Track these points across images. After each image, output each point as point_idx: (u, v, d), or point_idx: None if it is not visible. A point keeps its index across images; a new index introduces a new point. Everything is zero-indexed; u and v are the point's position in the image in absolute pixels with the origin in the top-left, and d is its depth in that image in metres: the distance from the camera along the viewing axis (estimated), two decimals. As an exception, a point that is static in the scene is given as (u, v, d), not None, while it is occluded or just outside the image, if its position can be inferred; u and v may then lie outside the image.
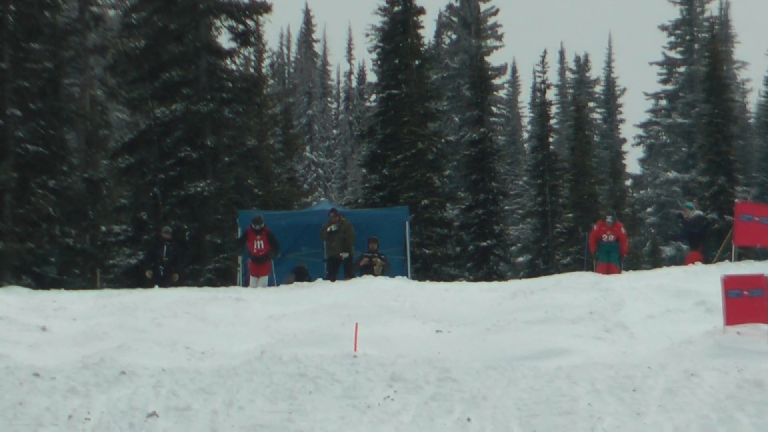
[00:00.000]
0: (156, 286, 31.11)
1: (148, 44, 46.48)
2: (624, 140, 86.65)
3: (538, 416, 18.22)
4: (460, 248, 56.71)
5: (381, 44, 55.87)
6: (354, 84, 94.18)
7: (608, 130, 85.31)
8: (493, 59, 75.16)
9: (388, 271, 31.73)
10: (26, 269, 41.58)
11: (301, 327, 23.85)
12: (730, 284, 22.31)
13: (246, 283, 30.60)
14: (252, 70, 50.63)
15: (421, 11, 55.56)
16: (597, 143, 76.73)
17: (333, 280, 30.31)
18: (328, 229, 31.82)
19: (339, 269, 31.74)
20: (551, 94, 78.41)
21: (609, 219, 28.22)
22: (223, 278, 39.06)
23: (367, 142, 55.99)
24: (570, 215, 60.07)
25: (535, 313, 24.31)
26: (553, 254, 58.63)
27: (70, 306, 26.71)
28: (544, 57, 69.96)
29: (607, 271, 27.61)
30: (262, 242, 26.26)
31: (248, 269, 28.28)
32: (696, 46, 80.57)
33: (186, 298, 26.95)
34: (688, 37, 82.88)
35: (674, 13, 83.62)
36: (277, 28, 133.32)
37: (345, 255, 31.70)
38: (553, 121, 70.29)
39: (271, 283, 29.99)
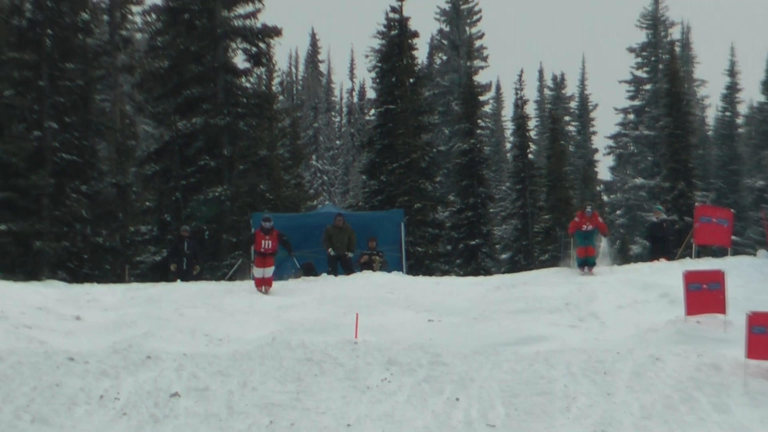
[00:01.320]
0: (179, 280, 31.09)
1: (171, 64, 46.45)
2: (596, 150, 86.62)
3: (519, 396, 18.22)
4: (451, 246, 56.67)
5: (379, 64, 55.83)
6: (355, 100, 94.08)
7: (582, 141, 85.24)
8: (480, 78, 75.19)
9: (386, 267, 31.71)
10: (62, 265, 41.55)
11: (307, 316, 23.85)
12: (691, 279, 22.32)
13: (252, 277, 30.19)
14: (264, 87, 50.57)
15: (415, 35, 55.54)
16: (572, 153, 76.74)
17: (336, 275, 30.29)
18: (341, 224, 31.76)
19: (339, 266, 31.69)
20: (531, 109, 78.65)
21: (588, 209, 28.03)
22: (240, 272, 38.94)
23: (367, 152, 55.97)
24: (547, 217, 60.08)
25: (517, 304, 24.33)
26: (533, 251, 58.65)
27: (102, 298, 26.71)
28: (521, 76, 70.68)
29: (586, 253, 27.60)
30: (270, 242, 25.70)
31: (254, 263, 27.70)
32: (660, 66, 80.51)
33: (205, 290, 26.96)
34: (653, 58, 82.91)
35: (641, 36, 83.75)
36: (287, 49, 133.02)
37: (350, 254, 31.65)
38: (532, 133, 70.33)
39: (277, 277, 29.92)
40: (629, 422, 17.34)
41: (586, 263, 27.09)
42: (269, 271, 25.25)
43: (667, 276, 25.23)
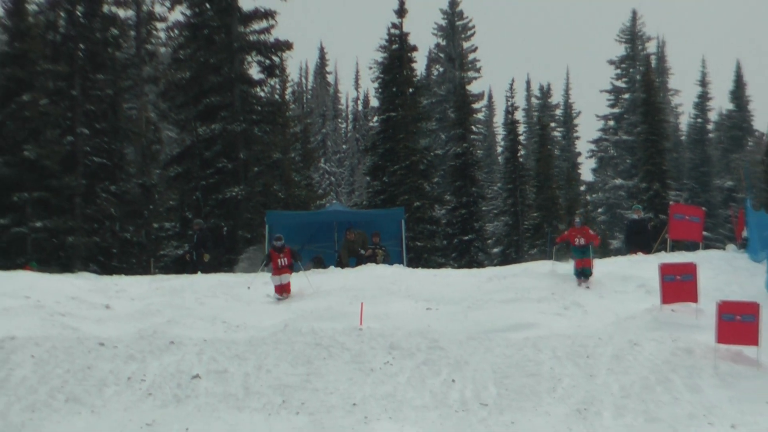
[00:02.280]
0: (199, 272, 31.12)
1: (192, 75, 46.46)
2: (579, 153, 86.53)
3: (509, 377, 18.23)
4: (446, 241, 56.68)
5: (382, 75, 55.86)
6: (360, 108, 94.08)
7: (566, 145, 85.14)
8: (473, 88, 75.25)
9: (388, 260, 31.71)
10: (93, 258, 41.58)
11: (316, 305, 23.86)
12: (666, 271, 22.33)
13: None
14: (277, 96, 50.57)
15: (414, 48, 55.59)
16: (557, 156, 76.57)
17: (343, 267, 30.35)
18: (352, 238, 32.06)
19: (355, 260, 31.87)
20: (520, 116, 78.49)
21: (577, 220, 26.72)
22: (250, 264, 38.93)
23: (371, 155, 55.98)
24: (535, 214, 60.07)
25: (507, 294, 24.32)
26: (522, 246, 58.62)
27: (129, 288, 26.73)
28: (512, 86, 70.66)
29: (582, 264, 26.52)
30: (285, 259, 25.41)
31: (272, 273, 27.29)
32: (638, 77, 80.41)
33: (224, 282, 26.97)
34: (631, 70, 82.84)
35: (620, 50, 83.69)
36: (297, 62, 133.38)
37: (367, 252, 31.74)
38: (521, 138, 70.22)
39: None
40: (610, 401, 17.35)
41: (583, 273, 26.08)
42: (286, 277, 25.20)
43: (644, 268, 25.23)
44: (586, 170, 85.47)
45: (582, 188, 79.69)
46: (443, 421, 16.90)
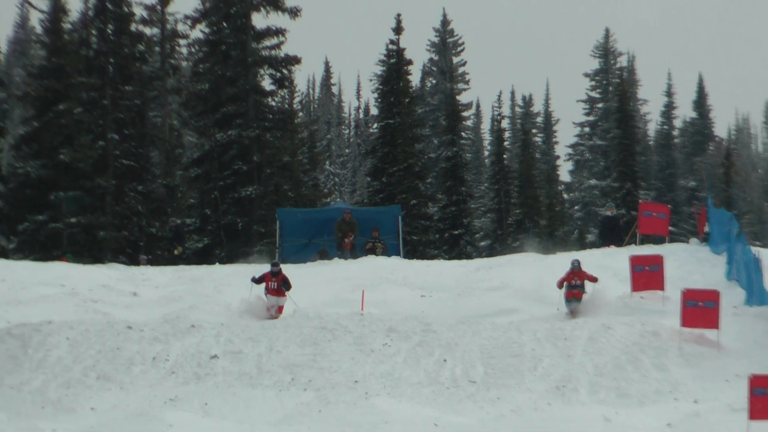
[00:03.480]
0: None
1: (211, 87, 46.39)
2: (558, 156, 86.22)
3: (495, 357, 18.24)
4: (439, 235, 56.61)
5: (381, 87, 55.76)
6: (361, 115, 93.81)
7: (546, 149, 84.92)
8: (462, 98, 74.75)
9: (386, 252, 31.65)
10: (122, 251, 41.56)
11: (322, 293, 23.84)
12: (636, 262, 22.34)
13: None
14: (286, 105, 50.48)
15: (410, 63, 55.49)
16: (538, 159, 76.39)
17: (345, 258, 30.23)
18: (348, 218, 31.75)
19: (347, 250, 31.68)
20: (505, 123, 78.33)
21: (575, 265, 22.27)
22: (268, 256, 38.85)
23: (371, 158, 55.95)
24: (518, 211, 60.00)
25: (493, 283, 24.33)
26: (506, 240, 58.57)
27: (154, 277, 26.73)
28: (499, 97, 70.60)
29: (573, 295, 22.01)
30: (276, 284, 23.70)
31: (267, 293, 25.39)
32: (610, 88, 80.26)
33: (239, 272, 26.94)
34: (604, 82, 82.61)
35: (595, 64, 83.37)
36: (305, 75, 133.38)
37: (367, 246, 31.45)
38: (506, 143, 70.06)
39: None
40: (585, 379, 17.37)
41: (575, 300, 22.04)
42: (282, 300, 23.60)
43: (616, 260, 25.22)
44: (564, 172, 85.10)
45: (560, 188, 79.57)
46: (436, 397, 16.92)
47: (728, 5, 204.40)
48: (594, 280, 22.17)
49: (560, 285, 22.05)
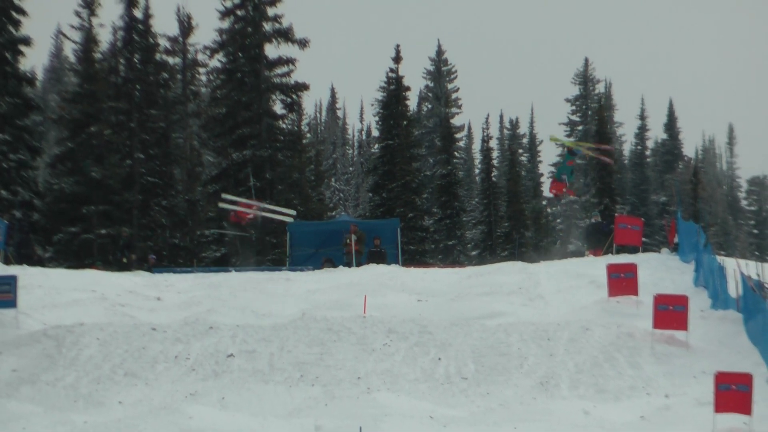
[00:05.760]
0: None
1: (227, 111, 46.49)
2: (542, 174, 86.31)
3: (485, 356, 18.23)
4: (434, 245, 56.65)
5: (381, 110, 55.95)
6: (364, 137, 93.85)
7: (531, 167, 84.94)
8: (455, 121, 74.82)
9: (387, 260, 31.57)
10: (146, 260, 41.53)
11: (328, 297, 23.84)
12: (612, 269, 22.33)
13: None
14: (296, 127, 50.57)
15: (408, 89, 55.65)
16: (524, 176, 76.45)
17: (351, 266, 30.17)
18: (352, 236, 31.71)
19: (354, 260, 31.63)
20: (494, 143, 78.26)
21: None
22: (277, 263, 38.87)
23: (372, 175, 56.01)
24: (506, 224, 60.04)
25: (483, 288, 24.30)
26: (496, 249, 58.58)
27: (177, 283, 26.71)
28: (487, 119, 70.85)
29: None
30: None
31: None
32: (589, 112, 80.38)
33: (253, 278, 26.91)
34: (584, 107, 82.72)
35: (575, 90, 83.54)
36: (313, 100, 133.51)
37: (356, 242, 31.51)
38: (494, 161, 70.13)
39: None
40: (566, 375, 17.36)
41: None
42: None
43: (594, 267, 25.21)
44: (547, 188, 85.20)
45: (543, 202, 79.62)
46: (431, 392, 16.91)
47: (697, 37, 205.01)
48: None
49: None
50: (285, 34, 46.36)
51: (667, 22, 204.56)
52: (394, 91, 54.77)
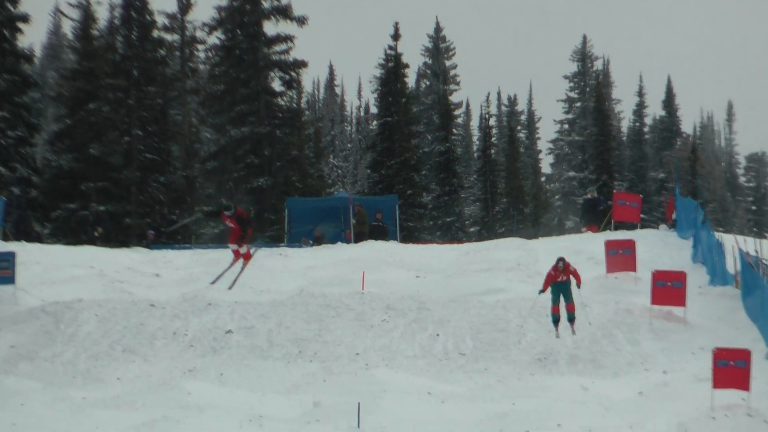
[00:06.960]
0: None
1: (226, 88, 46.32)
2: (540, 151, 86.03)
3: (483, 332, 18.20)
4: (432, 222, 56.65)
5: (380, 87, 55.73)
6: (362, 114, 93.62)
7: (529, 144, 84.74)
8: (454, 98, 74.58)
9: (388, 235, 31.52)
10: (145, 236, 41.53)
11: (326, 274, 23.81)
12: (610, 246, 22.29)
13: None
14: (294, 105, 50.39)
15: (406, 66, 55.58)
16: (522, 153, 76.28)
17: (357, 242, 29.97)
18: (357, 214, 31.73)
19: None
20: (492, 120, 78.08)
21: (560, 264, 19.06)
22: (276, 241, 38.84)
23: (371, 152, 55.96)
24: (504, 200, 60.07)
25: (482, 265, 24.27)
26: (494, 226, 58.57)
27: (175, 260, 26.69)
28: (487, 98, 70.52)
29: (560, 309, 18.22)
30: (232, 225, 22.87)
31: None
32: (587, 89, 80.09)
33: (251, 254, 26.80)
34: (582, 84, 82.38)
35: (573, 67, 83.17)
36: (311, 77, 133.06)
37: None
38: (493, 139, 70.00)
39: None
40: (565, 352, 17.34)
41: (569, 320, 18.24)
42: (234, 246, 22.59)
43: (593, 244, 25.19)
44: (546, 164, 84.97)
45: (542, 179, 79.53)
46: (429, 368, 16.89)
47: (695, 13, 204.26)
48: (579, 279, 18.32)
49: (547, 285, 18.13)
50: (283, 12, 46.12)
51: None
52: (393, 68, 54.61)
